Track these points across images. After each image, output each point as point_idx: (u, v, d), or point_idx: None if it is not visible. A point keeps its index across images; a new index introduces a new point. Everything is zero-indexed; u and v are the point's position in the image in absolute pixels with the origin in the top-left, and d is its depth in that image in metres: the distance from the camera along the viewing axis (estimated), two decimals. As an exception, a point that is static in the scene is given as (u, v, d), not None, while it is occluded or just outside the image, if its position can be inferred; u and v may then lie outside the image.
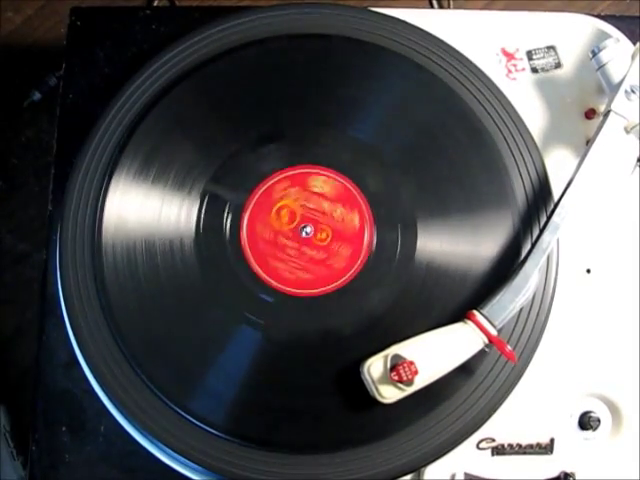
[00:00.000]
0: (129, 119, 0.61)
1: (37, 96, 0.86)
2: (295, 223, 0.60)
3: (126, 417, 0.58)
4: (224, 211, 0.60)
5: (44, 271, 0.63)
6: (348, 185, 0.61)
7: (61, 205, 0.60)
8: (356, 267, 0.59)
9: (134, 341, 0.57)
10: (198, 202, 0.60)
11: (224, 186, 0.60)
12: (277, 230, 0.60)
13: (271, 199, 0.61)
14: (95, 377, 0.58)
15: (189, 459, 0.56)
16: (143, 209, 0.59)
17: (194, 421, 0.56)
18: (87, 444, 0.60)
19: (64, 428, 0.60)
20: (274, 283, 0.59)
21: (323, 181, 0.61)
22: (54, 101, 0.67)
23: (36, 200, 0.85)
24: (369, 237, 0.60)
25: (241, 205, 0.60)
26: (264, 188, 0.61)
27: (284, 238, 0.60)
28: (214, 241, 0.59)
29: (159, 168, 0.60)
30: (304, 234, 0.60)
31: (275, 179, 0.61)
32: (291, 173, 0.61)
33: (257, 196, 0.60)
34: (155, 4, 0.90)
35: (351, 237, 0.60)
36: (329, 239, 0.60)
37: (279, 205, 0.60)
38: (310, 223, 0.60)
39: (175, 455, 0.56)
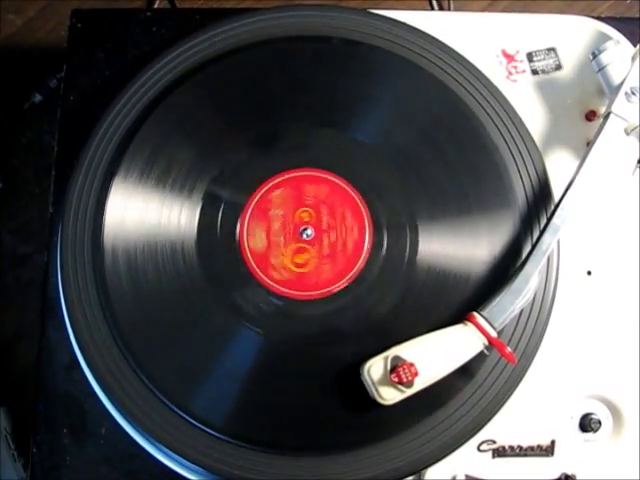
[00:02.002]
0: (130, 121, 0.62)
1: (38, 98, 0.86)
2: (295, 225, 0.60)
3: (127, 419, 0.58)
4: (225, 213, 0.60)
5: (45, 273, 0.63)
6: (348, 187, 0.61)
7: (62, 207, 0.60)
8: (356, 269, 0.59)
9: (135, 343, 0.57)
10: (199, 204, 0.60)
11: (225, 188, 0.61)
12: (278, 232, 0.60)
13: (272, 201, 0.61)
14: (96, 379, 0.58)
15: (190, 461, 0.56)
16: (144, 211, 0.59)
17: (195, 423, 0.56)
18: (88, 446, 0.60)
19: (65, 430, 0.60)
20: (275, 285, 0.59)
21: (323, 183, 0.61)
22: (55, 103, 0.68)
23: (37, 202, 0.85)
24: (369, 239, 0.60)
25: (242, 207, 0.60)
26: (265, 190, 0.61)
27: (285, 240, 0.60)
28: (215, 243, 0.60)
29: (160, 170, 0.60)
30: (305, 236, 0.60)
31: (276, 181, 0.61)
32: (291, 175, 0.61)
33: (258, 198, 0.60)
34: (156, 6, 0.90)
35: (351, 239, 0.60)
36: (329, 241, 0.60)
37: (280, 207, 0.60)
38: (311, 225, 0.60)
39: (176, 457, 0.56)
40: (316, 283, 0.59)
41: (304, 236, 0.60)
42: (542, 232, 0.57)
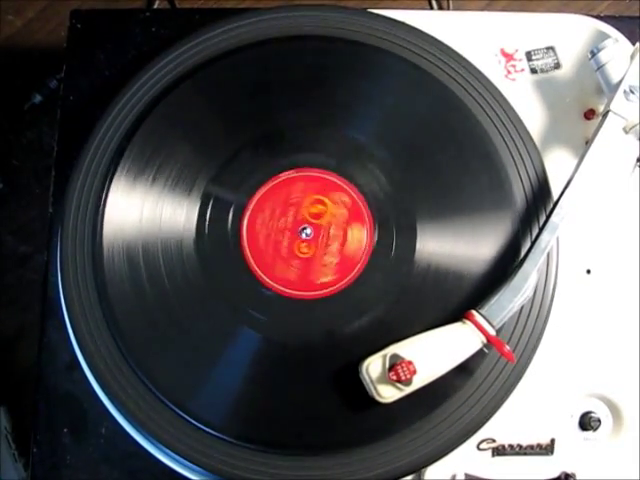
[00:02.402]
0: (129, 121, 0.62)
1: (38, 98, 0.87)
2: (295, 225, 0.60)
3: (127, 419, 0.58)
4: (224, 212, 0.60)
5: (45, 273, 0.63)
6: (347, 187, 0.61)
7: (62, 207, 0.60)
8: (356, 268, 0.59)
9: (135, 343, 0.58)
10: (198, 204, 0.60)
11: (224, 187, 0.61)
12: (277, 232, 0.60)
13: (271, 200, 0.61)
14: (96, 379, 0.58)
15: (190, 460, 0.56)
16: (143, 211, 0.59)
17: (195, 423, 0.56)
18: (88, 446, 0.60)
19: (65, 430, 0.60)
20: (274, 284, 0.59)
21: (323, 183, 0.61)
22: (55, 103, 0.68)
23: (37, 202, 0.85)
24: (369, 238, 0.60)
25: (241, 206, 0.60)
26: (264, 190, 0.61)
27: (284, 240, 0.60)
28: (214, 242, 0.60)
29: (159, 170, 0.60)
30: (304, 235, 0.60)
31: (275, 181, 0.61)
32: (290, 175, 0.61)
33: (257, 197, 0.61)
34: (155, 6, 0.90)
35: (351, 238, 0.60)
36: (329, 240, 0.60)
37: (279, 206, 0.61)
38: (310, 225, 0.60)
39: (176, 457, 0.56)
40: (315, 282, 0.59)
41: (303, 235, 0.60)
42: (541, 230, 0.57)
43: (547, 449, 0.60)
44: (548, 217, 0.57)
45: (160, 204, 0.60)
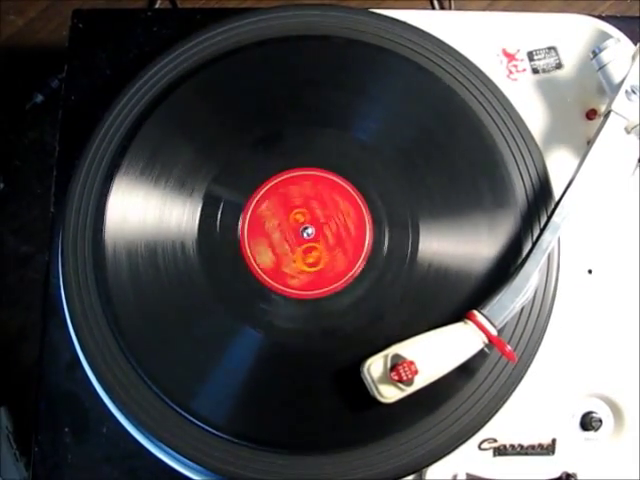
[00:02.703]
0: (131, 121, 0.62)
1: (39, 98, 0.86)
2: (296, 224, 0.60)
3: (128, 418, 0.58)
4: (225, 212, 0.60)
5: (47, 273, 0.63)
6: (348, 187, 0.61)
7: (63, 207, 0.60)
8: (357, 268, 0.59)
9: (136, 342, 0.58)
10: (200, 204, 0.60)
11: (226, 187, 0.61)
12: (279, 231, 0.60)
13: (272, 200, 0.61)
14: (97, 378, 0.58)
15: (191, 460, 0.56)
16: (145, 211, 0.60)
17: (196, 422, 0.56)
18: (90, 445, 0.60)
19: (67, 429, 0.60)
20: (275, 284, 0.59)
21: (324, 182, 0.61)
22: (56, 103, 0.68)
23: (39, 202, 0.85)
24: (370, 238, 0.60)
25: (242, 206, 0.60)
26: (265, 189, 0.61)
27: (285, 239, 0.60)
28: (216, 242, 0.60)
29: (161, 170, 0.60)
30: (305, 235, 0.60)
31: (276, 180, 0.61)
32: (292, 175, 0.61)
33: (258, 197, 0.61)
34: (157, 6, 0.90)
35: (352, 238, 0.60)
36: (330, 240, 0.60)
37: (280, 206, 0.61)
38: (311, 225, 0.60)
39: (177, 456, 0.56)
40: (317, 282, 0.59)
41: (305, 235, 0.60)
42: (542, 230, 0.57)
43: (548, 449, 0.60)
44: (550, 217, 0.57)
45: (162, 204, 0.60)
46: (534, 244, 0.57)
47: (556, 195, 0.60)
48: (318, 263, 0.60)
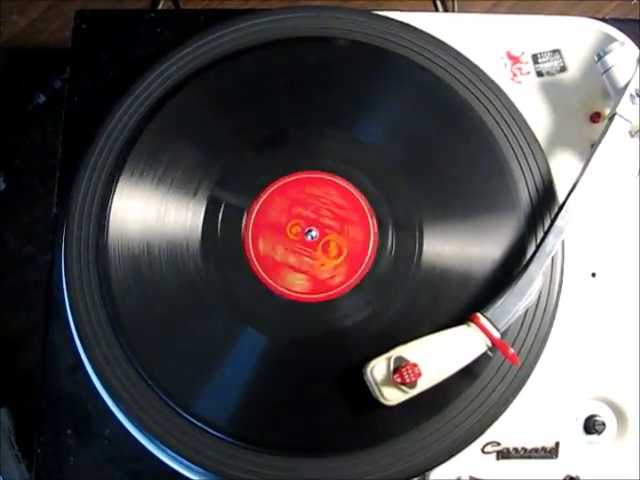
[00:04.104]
0: (134, 122, 0.62)
1: (42, 99, 0.87)
2: (300, 227, 0.60)
3: (131, 420, 0.58)
4: (229, 214, 0.60)
5: (49, 274, 0.63)
6: (352, 189, 0.61)
7: (66, 208, 0.60)
8: (361, 270, 0.59)
9: (139, 344, 0.58)
10: (204, 205, 0.60)
11: (229, 190, 0.61)
12: (282, 234, 0.60)
13: (276, 202, 0.61)
14: (100, 380, 0.58)
15: (194, 462, 0.56)
16: (148, 212, 0.59)
17: (199, 424, 0.56)
18: (92, 447, 0.60)
19: (69, 431, 0.60)
20: (278, 287, 0.59)
21: (328, 185, 0.61)
22: (59, 104, 0.67)
23: (41, 203, 0.85)
24: (374, 240, 0.60)
25: (246, 208, 0.60)
26: (269, 192, 0.61)
27: (289, 242, 0.60)
28: (219, 244, 0.60)
29: (164, 171, 0.60)
30: (309, 238, 0.60)
31: (280, 183, 0.61)
32: (296, 177, 0.61)
33: (262, 199, 0.60)
34: (160, 7, 0.90)
35: (356, 240, 0.60)
36: (334, 242, 0.60)
37: (284, 208, 0.60)
38: (315, 227, 0.60)
39: (180, 458, 0.56)
40: (320, 284, 0.59)
41: (309, 238, 0.60)
42: (546, 233, 0.57)
43: (551, 452, 0.60)
44: (553, 220, 0.57)
45: (165, 205, 0.60)
46: (538, 247, 0.57)
47: (560, 198, 0.60)
48: (342, 250, 0.60)
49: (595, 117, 0.65)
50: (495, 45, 0.67)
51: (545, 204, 0.61)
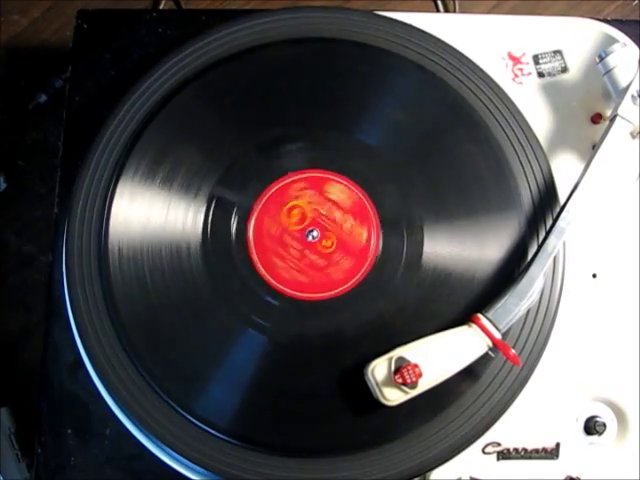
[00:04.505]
0: (136, 122, 0.62)
1: (43, 98, 0.86)
2: (301, 227, 0.60)
3: (132, 420, 0.58)
4: (231, 214, 0.60)
5: (50, 273, 0.63)
6: (354, 189, 0.61)
7: (67, 208, 0.60)
8: (363, 270, 0.59)
9: (140, 344, 0.58)
10: (205, 205, 0.60)
11: (231, 190, 0.61)
12: (284, 234, 0.60)
13: (277, 203, 0.60)
14: (101, 380, 0.58)
15: (195, 462, 0.56)
16: (150, 212, 0.59)
17: (200, 424, 0.56)
18: (93, 447, 0.60)
19: (70, 431, 0.60)
20: (280, 287, 0.59)
21: (329, 185, 0.61)
22: (60, 103, 0.68)
23: (42, 202, 0.85)
24: (376, 240, 0.60)
25: (248, 208, 0.60)
26: (270, 192, 0.61)
27: (290, 242, 0.60)
28: (221, 245, 0.59)
29: (166, 171, 0.60)
30: (310, 238, 0.60)
31: (281, 184, 0.61)
32: (297, 177, 0.61)
33: (263, 199, 0.60)
34: (161, 7, 0.90)
35: (358, 239, 0.60)
36: (335, 243, 0.60)
37: (285, 209, 0.60)
38: (316, 227, 0.60)
39: (181, 458, 0.56)
40: (322, 285, 0.59)
41: (310, 238, 0.60)
42: (547, 234, 0.57)
43: (552, 453, 0.60)
44: (555, 221, 0.57)
45: (166, 206, 0.60)
46: (539, 248, 0.57)
47: (561, 199, 0.60)
48: (342, 251, 0.60)
49: (596, 118, 0.65)
50: (496, 46, 0.67)
51: (546, 205, 0.61)
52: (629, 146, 0.60)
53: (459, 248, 0.59)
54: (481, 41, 0.67)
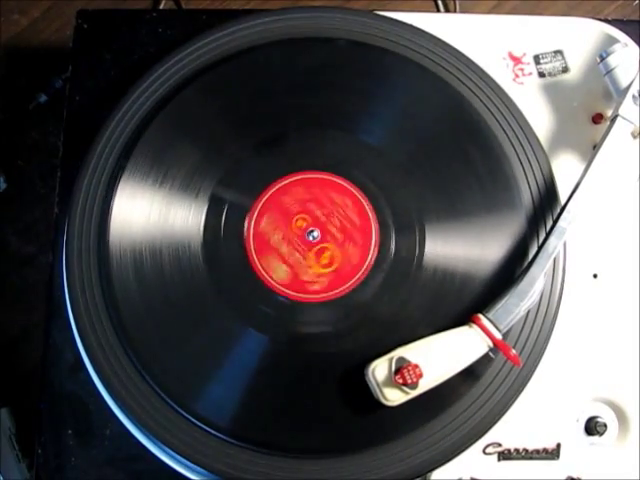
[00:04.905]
0: (136, 122, 0.62)
1: (43, 98, 0.86)
2: (300, 231, 0.60)
3: (132, 420, 0.58)
4: (231, 215, 0.60)
5: (50, 274, 0.63)
6: (354, 189, 0.61)
7: (67, 208, 0.60)
8: (363, 271, 0.59)
9: (140, 344, 0.57)
10: (205, 206, 0.60)
11: (231, 190, 0.60)
12: (284, 234, 0.60)
13: (277, 203, 0.60)
14: (101, 380, 0.58)
15: (195, 463, 0.56)
16: (150, 212, 0.59)
17: (200, 424, 0.56)
18: (93, 447, 0.60)
19: (70, 431, 0.60)
20: (279, 287, 0.59)
21: (329, 185, 0.61)
22: (60, 103, 0.67)
23: (42, 202, 0.85)
24: (376, 240, 0.60)
25: (248, 208, 0.60)
26: (270, 192, 0.61)
27: (291, 242, 0.60)
28: (221, 245, 0.59)
29: (166, 171, 0.60)
30: (311, 238, 0.60)
31: (282, 183, 0.61)
32: (298, 177, 0.61)
33: (263, 200, 0.60)
34: (161, 7, 0.90)
35: (358, 240, 0.60)
36: (336, 242, 0.60)
37: (285, 209, 0.60)
38: (316, 227, 0.60)
39: (181, 459, 0.56)
40: (322, 285, 0.59)
41: (310, 238, 0.60)
42: (548, 234, 0.57)
43: (553, 454, 0.60)
44: (555, 221, 0.57)
45: (167, 206, 0.60)
46: (540, 248, 0.57)
47: (562, 199, 0.60)
48: (333, 262, 0.59)
49: (597, 118, 0.65)
50: (497, 46, 0.67)
51: (547, 205, 0.61)
52: (630, 146, 0.60)
53: (460, 248, 0.59)
54: (482, 41, 0.67)
